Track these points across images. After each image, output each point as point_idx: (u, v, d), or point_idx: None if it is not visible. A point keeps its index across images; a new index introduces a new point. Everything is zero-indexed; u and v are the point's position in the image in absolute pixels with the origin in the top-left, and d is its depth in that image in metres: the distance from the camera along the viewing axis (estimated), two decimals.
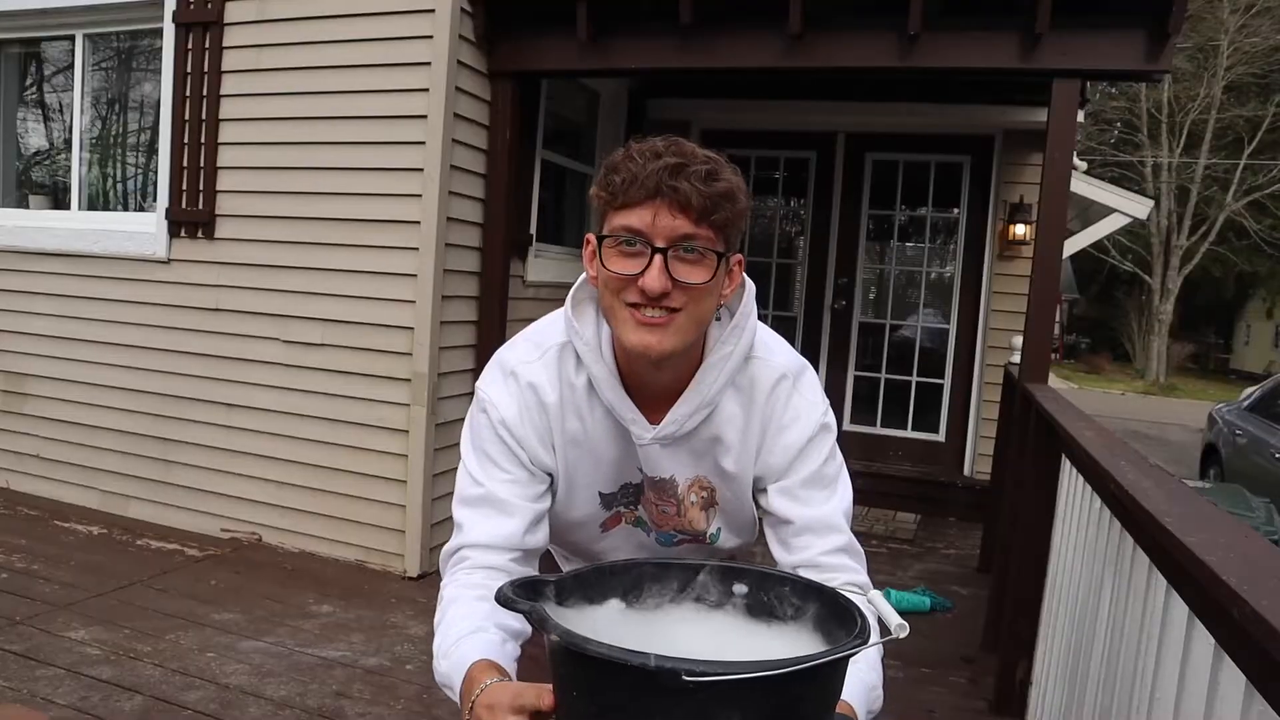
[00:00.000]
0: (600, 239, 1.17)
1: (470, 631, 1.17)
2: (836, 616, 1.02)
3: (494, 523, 1.27)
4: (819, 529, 1.28)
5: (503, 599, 0.97)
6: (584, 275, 1.29)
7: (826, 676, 0.92)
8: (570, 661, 0.92)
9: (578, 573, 1.07)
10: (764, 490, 1.33)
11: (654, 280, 1.12)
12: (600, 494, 1.37)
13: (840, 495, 1.31)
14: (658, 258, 1.12)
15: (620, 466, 1.34)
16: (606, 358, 1.27)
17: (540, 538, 1.32)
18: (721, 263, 1.16)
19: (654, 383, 1.26)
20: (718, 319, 1.28)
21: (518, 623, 1.20)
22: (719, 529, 1.38)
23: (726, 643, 1.04)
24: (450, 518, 1.35)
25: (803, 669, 0.86)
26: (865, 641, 0.93)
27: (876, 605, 1.05)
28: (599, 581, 1.07)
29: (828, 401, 1.34)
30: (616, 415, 1.28)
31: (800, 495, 1.29)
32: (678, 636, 1.03)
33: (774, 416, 1.29)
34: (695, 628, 1.06)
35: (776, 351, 1.32)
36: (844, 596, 1.03)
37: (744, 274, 1.28)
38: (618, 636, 0.91)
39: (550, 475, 1.33)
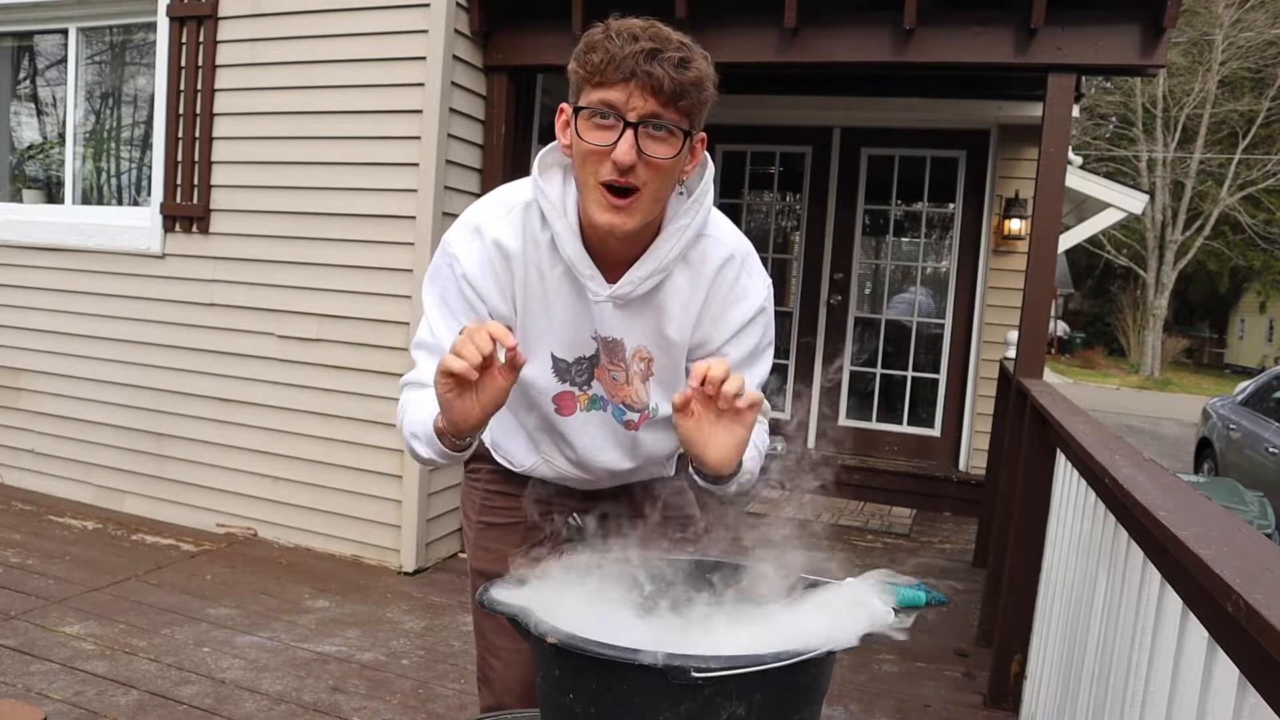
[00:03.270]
0: (576, 110, 1.25)
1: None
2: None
3: None
4: None
5: (487, 602, 0.97)
6: (553, 143, 1.37)
7: (822, 661, 0.93)
8: (567, 663, 0.91)
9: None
10: (699, 359, 1.43)
11: (625, 153, 1.21)
12: (554, 356, 1.44)
13: (762, 368, 1.48)
14: (629, 131, 1.21)
15: (575, 330, 1.41)
16: (570, 216, 1.35)
17: None
18: (685, 141, 1.26)
19: (613, 247, 1.35)
20: (680, 193, 1.38)
21: None
22: (657, 404, 1.49)
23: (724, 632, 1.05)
24: (444, 515, 1.37)
25: (806, 659, 0.87)
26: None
27: (857, 594, 1.06)
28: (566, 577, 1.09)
29: (769, 281, 1.47)
30: (576, 272, 1.36)
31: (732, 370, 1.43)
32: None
33: (720, 292, 1.41)
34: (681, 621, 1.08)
35: (726, 231, 1.43)
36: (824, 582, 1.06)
37: (705, 153, 1.37)
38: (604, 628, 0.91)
39: (509, 329, 1.41)
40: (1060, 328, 31.10)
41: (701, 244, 1.39)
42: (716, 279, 1.40)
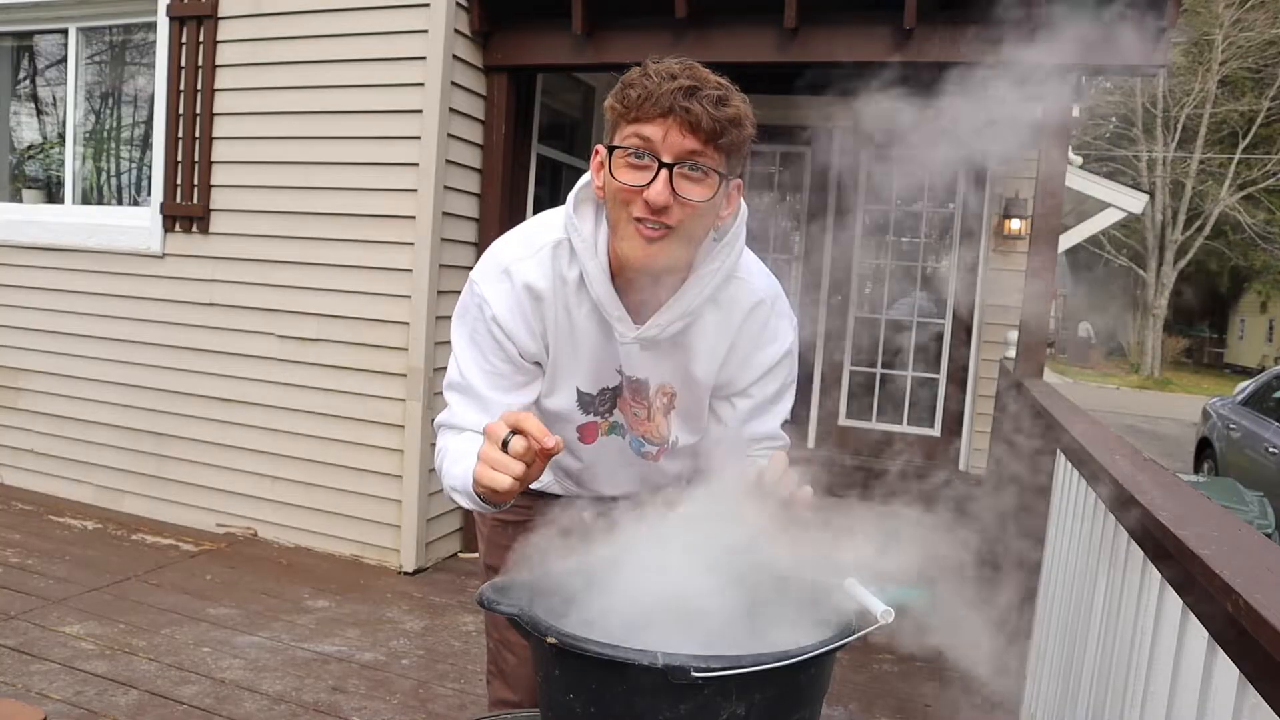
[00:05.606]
0: (610, 149, 1.23)
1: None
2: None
3: (473, 414, 1.38)
4: (764, 438, 1.49)
5: (485, 602, 0.97)
6: (586, 177, 1.35)
7: (822, 661, 0.93)
8: (567, 662, 0.91)
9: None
10: (725, 399, 1.47)
11: (659, 194, 1.19)
12: (579, 390, 1.44)
13: (786, 404, 1.50)
14: (664, 172, 1.19)
15: (600, 365, 1.41)
16: (601, 256, 1.34)
17: None
18: (722, 183, 1.23)
19: (643, 288, 1.34)
20: (713, 238, 1.36)
21: None
22: (677, 435, 1.50)
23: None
24: (444, 515, 1.37)
25: (806, 659, 0.87)
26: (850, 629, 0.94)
27: (855, 594, 1.06)
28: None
29: (795, 320, 1.47)
30: (603, 311, 1.35)
31: (757, 410, 1.47)
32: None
33: (748, 336, 1.41)
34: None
35: (756, 275, 1.42)
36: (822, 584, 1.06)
37: (741, 199, 1.35)
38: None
39: (538, 364, 1.42)
40: (1083, 328, 31.05)
41: (731, 286, 1.38)
42: (745, 323, 1.40)
